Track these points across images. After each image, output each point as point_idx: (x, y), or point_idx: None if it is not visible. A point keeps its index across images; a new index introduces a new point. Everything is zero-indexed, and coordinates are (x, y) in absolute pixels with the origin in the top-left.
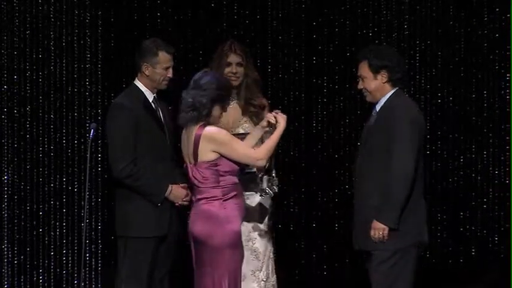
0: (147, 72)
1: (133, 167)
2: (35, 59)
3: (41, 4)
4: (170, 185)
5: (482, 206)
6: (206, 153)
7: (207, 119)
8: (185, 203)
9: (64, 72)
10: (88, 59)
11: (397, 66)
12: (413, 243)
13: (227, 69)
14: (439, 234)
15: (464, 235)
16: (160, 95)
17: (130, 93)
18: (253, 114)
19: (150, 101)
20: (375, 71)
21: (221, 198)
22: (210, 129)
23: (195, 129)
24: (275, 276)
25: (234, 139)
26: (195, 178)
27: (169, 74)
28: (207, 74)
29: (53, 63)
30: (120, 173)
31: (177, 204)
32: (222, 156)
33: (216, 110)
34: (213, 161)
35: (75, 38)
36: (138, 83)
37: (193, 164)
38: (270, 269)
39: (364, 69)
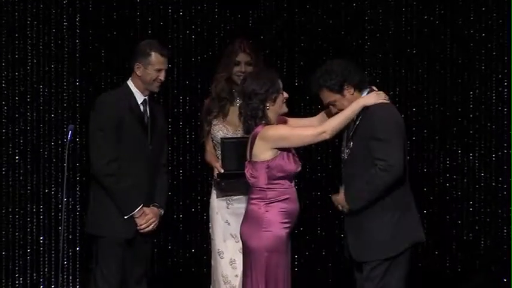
0: (138, 72)
1: (116, 167)
2: (11, 59)
3: (17, 3)
4: (143, 207)
5: (469, 209)
6: (263, 152)
7: (264, 119)
8: (146, 228)
9: (41, 72)
10: (66, 59)
11: (351, 72)
12: (407, 246)
13: (236, 69)
14: (425, 237)
15: (450, 238)
16: (156, 98)
17: (119, 92)
18: None
19: (139, 103)
20: (339, 90)
21: (266, 201)
22: (267, 129)
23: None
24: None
25: (292, 128)
26: (248, 176)
27: (161, 76)
28: (247, 81)
29: (29, 63)
30: (102, 169)
31: (138, 226)
32: (281, 151)
33: (269, 106)
34: (267, 160)
35: (52, 37)
36: (130, 83)
37: (248, 161)
38: None
39: (328, 96)
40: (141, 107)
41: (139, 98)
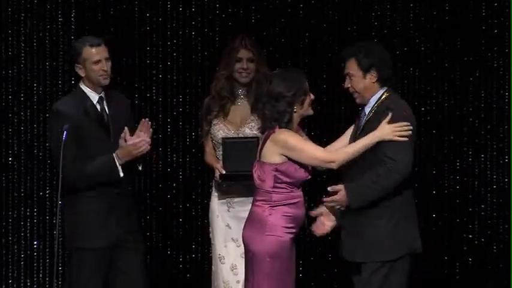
0: (82, 73)
1: (79, 167)
2: (4, 56)
3: None
4: (114, 153)
5: (480, 212)
6: (272, 155)
7: (288, 125)
8: (144, 149)
9: (35, 70)
10: (61, 56)
11: (386, 64)
12: (404, 253)
13: (237, 65)
14: (434, 242)
15: (460, 243)
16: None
17: (72, 98)
18: None
19: (95, 102)
20: (365, 69)
21: (271, 204)
22: (280, 133)
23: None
24: None
25: (305, 142)
26: (255, 177)
27: (104, 67)
28: (273, 83)
29: (23, 61)
30: (69, 175)
31: (138, 154)
32: (290, 160)
33: (297, 109)
34: (276, 164)
35: (47, 34)
36: (82, 85)
37: (257, 160)
38: None
39: (352, 68)
40: (98, 107)
41: (94, 97)
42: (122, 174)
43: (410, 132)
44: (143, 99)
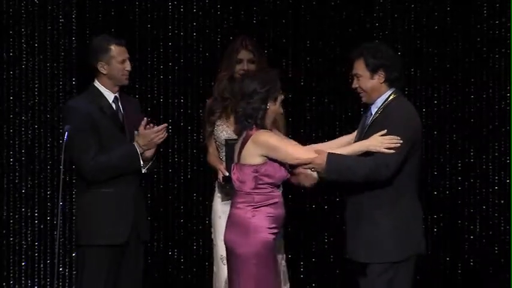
0: (104, 71)
1: (100, 160)
2: (5, 58)
3: None
4: (133, 143)
5: (481, 213)
6: (252, 157)
7: (262, 122)
8: (164, 136)
9: (36, 71)
10: (62, 57)
11: (394, 65)
12: (410, 254)
13: (238, 67)
14: (436, 243)
15: (462, 244)
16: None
17: (87, 96)
18: None
19: (110, 101)
20: (372, 70)
21: (253, 205)
22: (261, 134)
23: (247, 131)
24: (288, 284)
25: (285, 141)
26: (234, 179)
27: (127, 67)
28: (247, 78)
29: (24, 62)
30: (90, 170)
31: (159, 141)
32: (270, 160)
33: (270, 106)
34: (256, 165)
35: (47, 35)
36: (97, 84)
37: (235, 163)
38: (282, 277)
39: (360, 68)
40: (113, 106)
41: (110, 96)
42: (142, 164)
43: (399, 145)
44: (144, 100)
